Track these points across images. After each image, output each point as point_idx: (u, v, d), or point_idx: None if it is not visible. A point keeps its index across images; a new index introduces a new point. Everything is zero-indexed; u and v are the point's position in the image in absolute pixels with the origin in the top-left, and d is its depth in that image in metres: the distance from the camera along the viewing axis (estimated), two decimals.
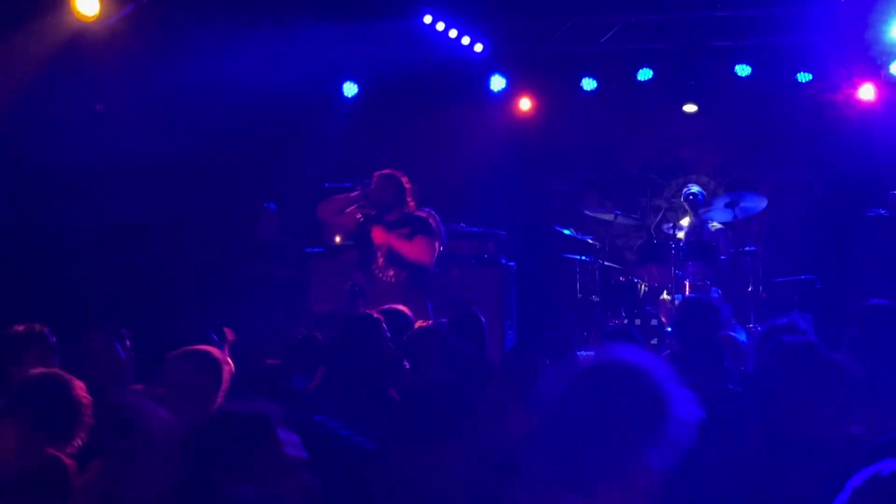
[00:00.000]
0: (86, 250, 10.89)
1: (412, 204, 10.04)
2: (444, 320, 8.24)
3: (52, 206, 10.47)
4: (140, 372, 6.45)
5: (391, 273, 9.78)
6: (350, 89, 13.68)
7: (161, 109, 10.98)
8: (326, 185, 11.99)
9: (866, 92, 12.91)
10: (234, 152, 12.26)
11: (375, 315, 6.61)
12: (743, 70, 13.45)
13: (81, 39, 9.30)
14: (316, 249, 11.74)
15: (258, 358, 8.13)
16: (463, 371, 6.17)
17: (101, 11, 8.77)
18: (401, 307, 7.57)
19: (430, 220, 9.93)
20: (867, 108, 12.97)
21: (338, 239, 11.69)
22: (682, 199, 13.04)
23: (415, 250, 9.78)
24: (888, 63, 12.34)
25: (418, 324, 7.57)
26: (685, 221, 12.73)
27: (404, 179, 10.08)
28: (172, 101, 11.04)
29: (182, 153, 11.32)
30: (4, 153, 9.87)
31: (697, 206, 12.50)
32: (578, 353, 7.07)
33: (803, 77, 13.27)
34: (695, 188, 13.02)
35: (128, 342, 6.35)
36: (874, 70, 12.59)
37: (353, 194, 10.16)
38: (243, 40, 11.13)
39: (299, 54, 12.00)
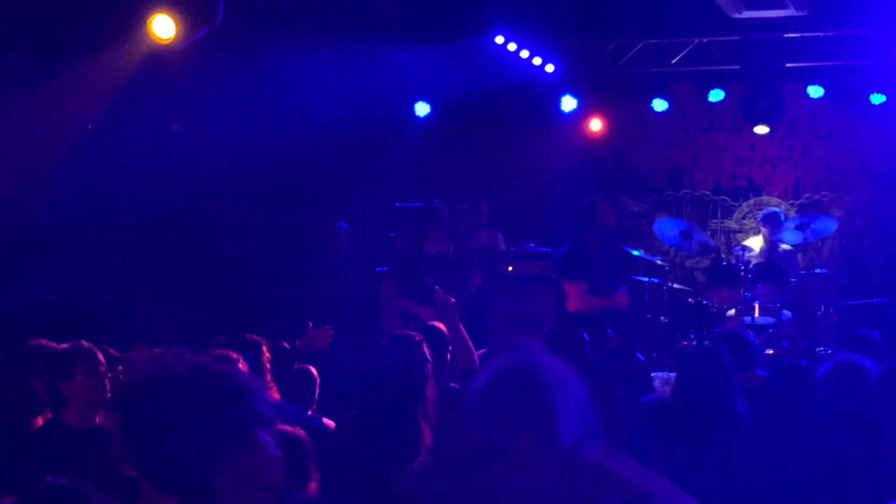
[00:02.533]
0: (167, 268, 11.08)
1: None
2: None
3: (132, 226, 10.66)
4: None
5: None
6: (422, 109, 13.83)
7: (236, 131, 11.16)
8: (398, 205, 12.13)
9: None
10: (307, 172, 12.42)
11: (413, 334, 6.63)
12: (816, 91, 13.41)
13: (158, 62, 9.50)
14: (383, 269, 11.87)
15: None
16: None
17: (176, 34, 8.96)
18: (438, 324, 7.59)
19: None
20: None
21: None
22: (757, 220, 13.01)
23: None
24: None
25: None
26: (755, 243, 12.68)
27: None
28: (248, 123, 11.23)
29: (256, 174, 11.52)
30: (87, 174, 10.09)
31: (774, 226, 12.39)
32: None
33: (876, 99, 13.20)
34: (774, 207, 12.99)
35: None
36: None
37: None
38: (317, 61, 11.28)
39: (373, 75, 12.15)
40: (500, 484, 3.57)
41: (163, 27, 8.94)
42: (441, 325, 7.36)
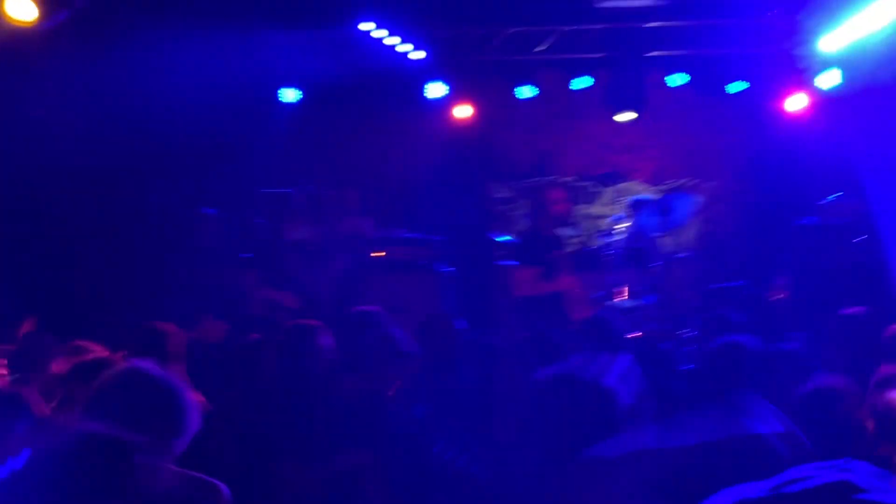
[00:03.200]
0: (19, 257, 10.81)
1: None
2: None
3: None
4: None
5: None
6: (288, 95, 13.68)
7: (99, 115, 10.91)
8: (264, 191, 12.01)
9: (796, 102, 13.13)
10: (172, 158, 12.21)
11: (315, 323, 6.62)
12: (677, 80, 13.63)
13: (17, 44, 9.22)
14: (248, 255, 11.75)
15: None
16: None
17: (35, 17, 8.70)
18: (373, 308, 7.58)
19: None
20: (797, 118, 13.19)
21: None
22: (625, 206, 13.20)
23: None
24: (816, 75, 12.56)
25: None
26: (620, 228, 12.86)
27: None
28: (111, 107, 10.98)
29: (120, 159, 11.28)
30: None
31: (640, 212, 12.60)
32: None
33: (736, 87, 13.48)
34: (641, 194, 13.20)
35: None
36: (804, 81, 12.81)
37: None
38: (182, 46, 11.08)
39: (238, 61, 11.98)
40: None
41: (20, 9, 8.67)
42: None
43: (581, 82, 13.76)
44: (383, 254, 12.00)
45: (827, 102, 12.75)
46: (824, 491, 1.91)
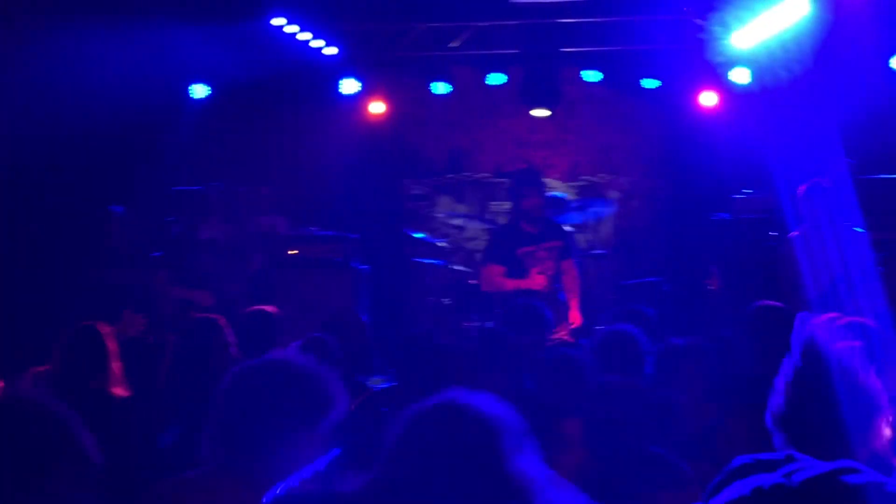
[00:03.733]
0: None
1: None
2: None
3: None
4: None
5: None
6: (199, 91, 13.49)
7: (2, 112, 10.67)
8: (175, 189, 11.83)
9: (708, 99, 13.23)
10: (80, 156, 11.99)
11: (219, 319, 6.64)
12: (591, 76, 13.66)
13: None
14: (158, 254, 11.57)
15: None
16: None
17: None
18: (268, 308, 7.55)
19: None
20: (710, 114, 13.30)
21: None
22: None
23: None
24: (728, 71, 12.68)
25: None
26: None
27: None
28: (15, 104, 10.74)
29: (24, 157, 11.03)
30: None
31: (556, 208, 12.60)
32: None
33: (650, 84, 13.55)
34: (556, 191, 13.21)
35: None
36: (716, 78, 12.92)
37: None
38: (89, 41, 10.88)
39: (147, 56, 11.78)
40: None
41: None
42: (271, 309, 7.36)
43: (496, 78, 13.74)
44: (297, 252, 11.89)
45: (739, 99, 12.88)
46: (833, 475, 1.92)
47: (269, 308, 7.65)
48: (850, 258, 8.31)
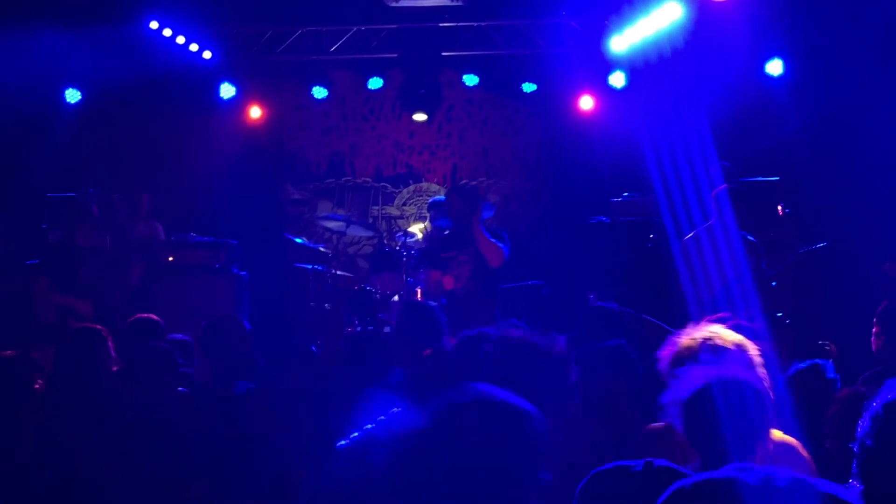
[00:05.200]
0: None
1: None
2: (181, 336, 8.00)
3: None
4: None
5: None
6: (73, 95, 13.20)
7: None
8: (49, 195, 11.58)
9: (586, 102, 13.37)
10: None
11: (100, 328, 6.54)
12: (471, 80, 13.71)
13: None
14: (34, 261, 11.29)
15: None
16: None
17: None
18: (153, 316, 7.46)
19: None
20: (588, 118, 13.43)
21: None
22: (426, 209, 13.25)
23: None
24: (608, 74, 12.82)
25: None
26: (416, 229, 12.88)
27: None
28: None
29: None
30: None
31: (437, 212, 12.59)
32: None
33: (528, 87, 13.65)
34: (436, 196, 13.24)
35: None
36: (595, 81, 13.06)
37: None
38: None
39: (18, 60, 11.51)
40: None
41: None
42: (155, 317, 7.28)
43: (375, 82, 13.71)
44: (174, 259, 11.71)
45: (616, 102, 13.04)
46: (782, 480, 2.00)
47: (153, 316, 7.53)
48: (739, 261, 8.46)
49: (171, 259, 11.69)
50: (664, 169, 10.55)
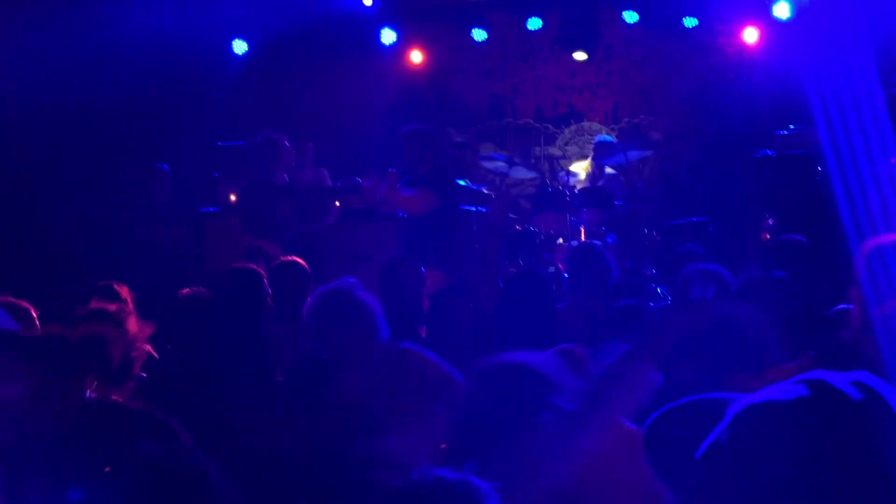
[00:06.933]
0: None
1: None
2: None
3: None
4: None
5: None
6: (240, 46, 13.54)
7: (49, 72, 10.77)
8: (219, 143, 11.89)
9: (750, 35, 13.12)
10: (124, 114, 12.08)
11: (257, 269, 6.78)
12: (631, 17, 13.58)
13: None
14: (211, 209, 11.64)
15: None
16: None
17: None
18: (298, 259, 7.60)
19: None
20: (752, 51, 13.19)
21: (233, 197, 11.60)
22: (583, 146, 13.23)
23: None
24: (772, 5, 12.55)
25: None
26: (579, 168, 12.86)
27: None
28: (62, 67, 10.84)
29: (73, 119, 11.14)
30: None
31: (602, 151, 12.52)
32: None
33: (689, 22, 13.45)
34: (598, 134, 13.20)
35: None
36: (758, 13, 12.80)
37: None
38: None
39: (187, 12, 11.84)
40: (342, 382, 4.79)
41: None
42: (301, 261, 7.43)
43: (534, 23, 13.69)
44: (338, 204, 11.92)
45: (781, 34, 12.76)
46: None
47: (298, 259, 7.70)
48: None
49: (337, 204, 11.91)
50: (826, 103, 10.31)
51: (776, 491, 1.98)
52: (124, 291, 6.53)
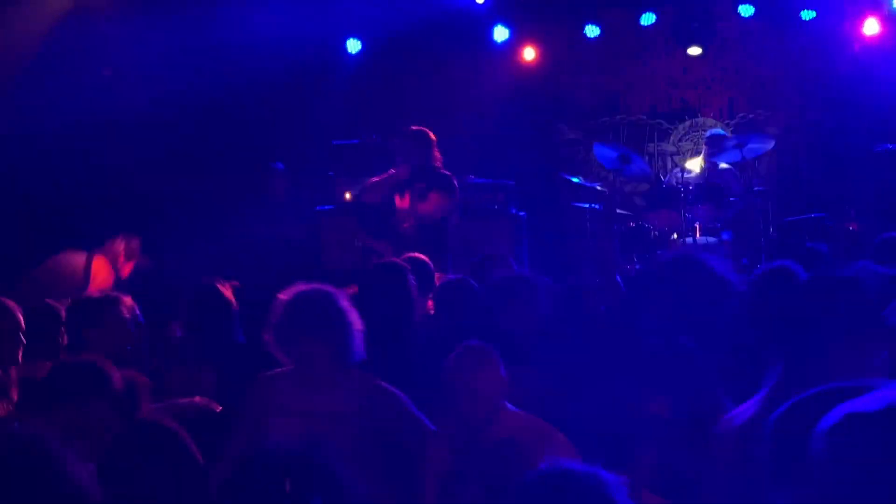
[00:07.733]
0: (94, 215, 10.94)
1: (438, 157, 10.09)
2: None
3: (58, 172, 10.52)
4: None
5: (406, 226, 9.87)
6: (354, 45, 13.67)
7: (166, 72, 10.98)
8: (334, 142, 12.01)
9: (870, 27, 12.88)
10: (240, 113, 12.28)
11: (401, 263, 6.85)
12: (746, 10, 13.41)
13: (85, 3, 9.31)
14: (327, 207, 11.77)
15: None
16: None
17: None
18: (422, 256, 7.72)
19: (449, 178, 10.00)
20: (872, 43, 12.94)
21: (348, 195, 11.72)
22: (698, 142, 13.10)
23: (427, 206, 9.85)
24: None
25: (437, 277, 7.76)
26: (694, 164, 12.74)
27: (430, 134, 10.17)
28: (180, 66, 11.04)
29: (189, 117, 11.34)
30: (17, 116, 9.92)
31: (715, 146, 12.36)
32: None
33: (807, 14, 13.23)
34: (718, 129, 13.08)
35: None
36: (878, 4, 12.55)
37: (389, 175, 10.14)
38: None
39: (302, 11, 11.99)
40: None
41: None
42: (424, 257, 7.56)
43: (647, 18, 13.59)
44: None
45: None
46: None
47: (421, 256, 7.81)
48: None
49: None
50: None
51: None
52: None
